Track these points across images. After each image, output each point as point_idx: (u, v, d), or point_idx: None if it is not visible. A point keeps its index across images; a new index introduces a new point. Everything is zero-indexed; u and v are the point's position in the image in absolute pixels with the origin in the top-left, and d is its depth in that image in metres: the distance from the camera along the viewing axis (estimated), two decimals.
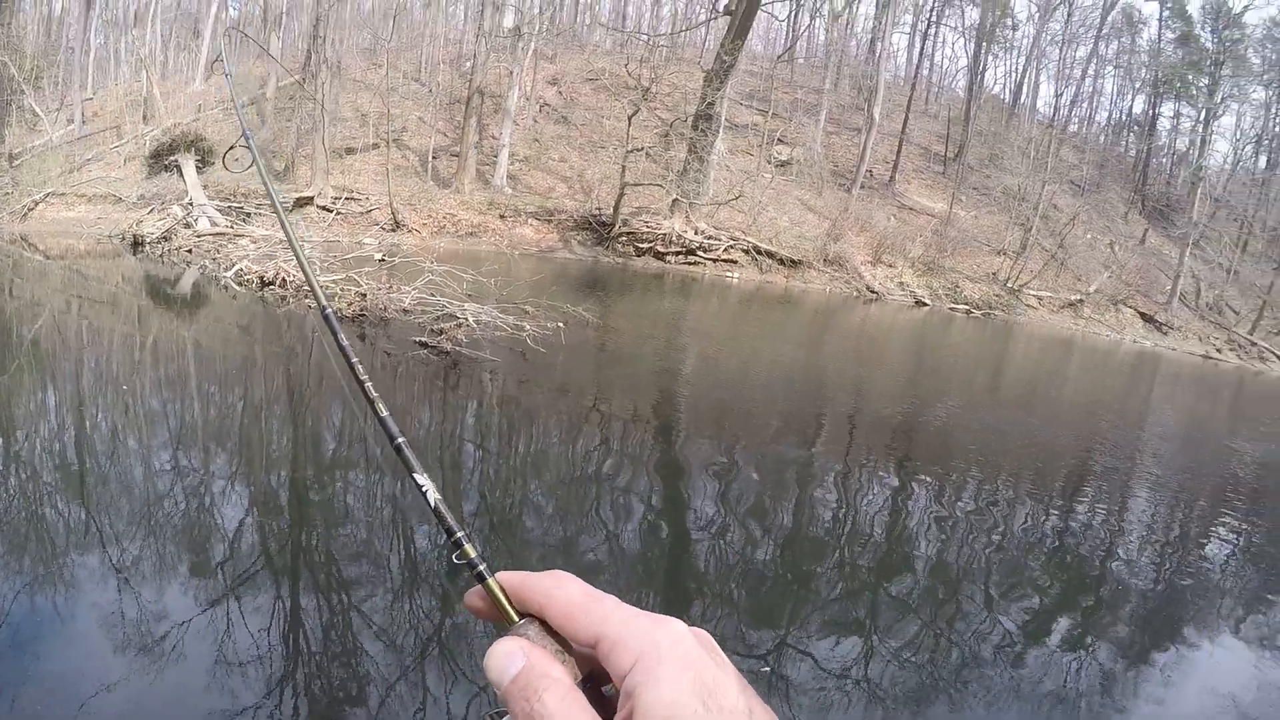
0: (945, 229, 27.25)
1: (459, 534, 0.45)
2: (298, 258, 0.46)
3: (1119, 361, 22.99)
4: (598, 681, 0.43)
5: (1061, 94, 39.70)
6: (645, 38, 27.69)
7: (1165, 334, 29.64)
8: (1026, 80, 41.26)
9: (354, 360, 0.54)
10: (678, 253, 20.74)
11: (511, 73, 23.01)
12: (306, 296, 12.57)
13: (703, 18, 27.31)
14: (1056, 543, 6.41)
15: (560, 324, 10.09)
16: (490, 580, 0.44)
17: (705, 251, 21.05)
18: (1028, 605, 5.14)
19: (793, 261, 22.45)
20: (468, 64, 24.91)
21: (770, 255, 22.10)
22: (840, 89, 32.28)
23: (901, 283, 25.02)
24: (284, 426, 7.42)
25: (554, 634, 0.42)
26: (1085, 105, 43.24)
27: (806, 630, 4.42)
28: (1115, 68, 42.30)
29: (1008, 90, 41.85)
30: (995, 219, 29.78)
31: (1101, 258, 31.25)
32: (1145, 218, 37.00)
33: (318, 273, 13.68)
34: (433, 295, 11.18)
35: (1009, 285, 27.04)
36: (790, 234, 23.14)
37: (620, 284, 18.20)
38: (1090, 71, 40.34)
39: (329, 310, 0.54)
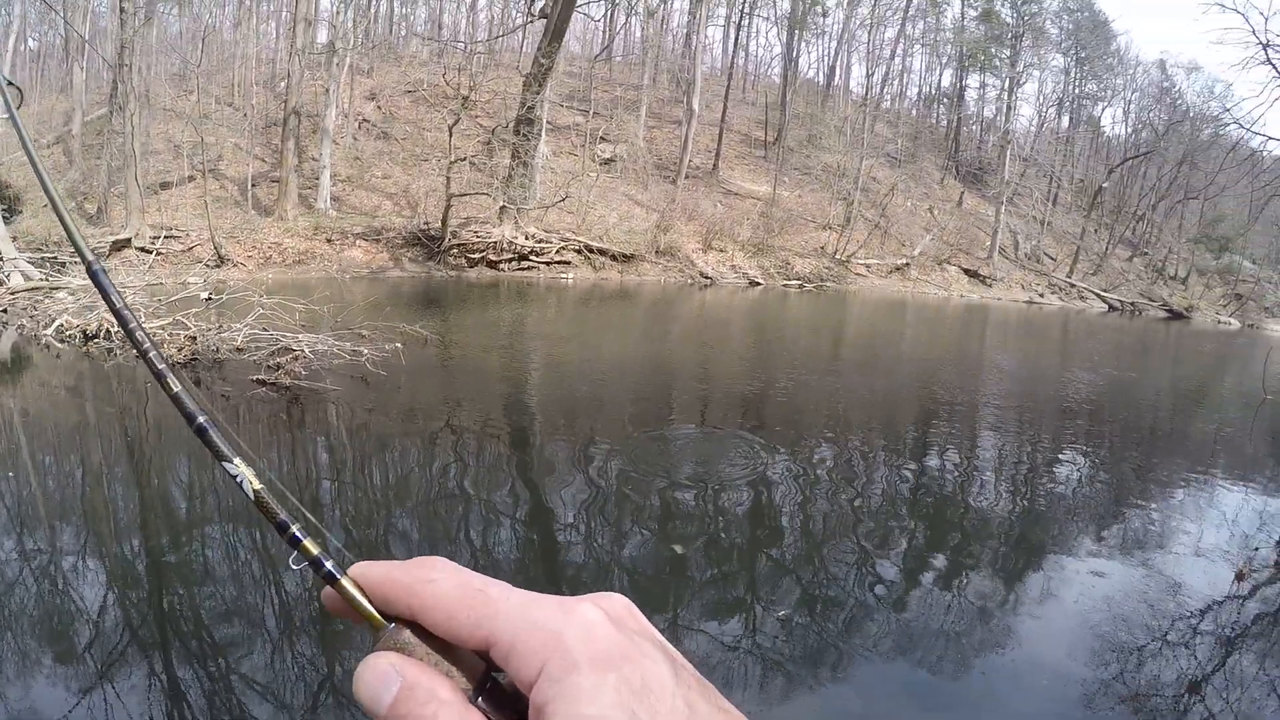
0: (771, 210, 28.99)
1: (292, 528, 0.37)
2: (53, 203, 0.45)
3: (950, 315, 25.09)
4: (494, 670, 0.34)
5: (873, 74, 42.56)
6: (463, 45, 27.80)
7: (990, 286, 32.77)
8: (839, 63, 44.17)
9: (131, 326, 0.44)
10: (510, 260, 21.22)
11: (328, 90, 22.72)
12: (133, 349, 12.40)
13: (519, 22, 27.76)
14: (917, 486, 6.80)
15: (398, 344, 10.03)
16: (343, 580, 0.36)
17: (538, 255, 21.67)
18: (898, 550, 5.39)
19: (625, 256, 23.45)
20: (282, 84, 24.40)
21: (603, 252, 22.99)
22: (659, 84, 33.53)
23: (734, 265, 26.56)
24: (129, 489, 7.15)
25: (432, 636, 0.34)
26: (896, 83, 46.38)
27: (699, 602, 4.48)
28: (922, 46, 45.74)
29: (821, 74, 44.62)
30: (818, 196, 31.83)
31: (923, 222, 34.01)
32: (960, 181, 40.40)
33: (142, 320, 13.59)
34: (265, 330, 11.01)
35: (837, 257, 29.15)
36: (620, 229, 24.14)
37: (456, 297, 18.37)
38: (899, 51, 43.27)
39: (98, 267, 0.46)
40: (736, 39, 35.70)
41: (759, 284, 26.38)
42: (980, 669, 3.92)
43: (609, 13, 32.54)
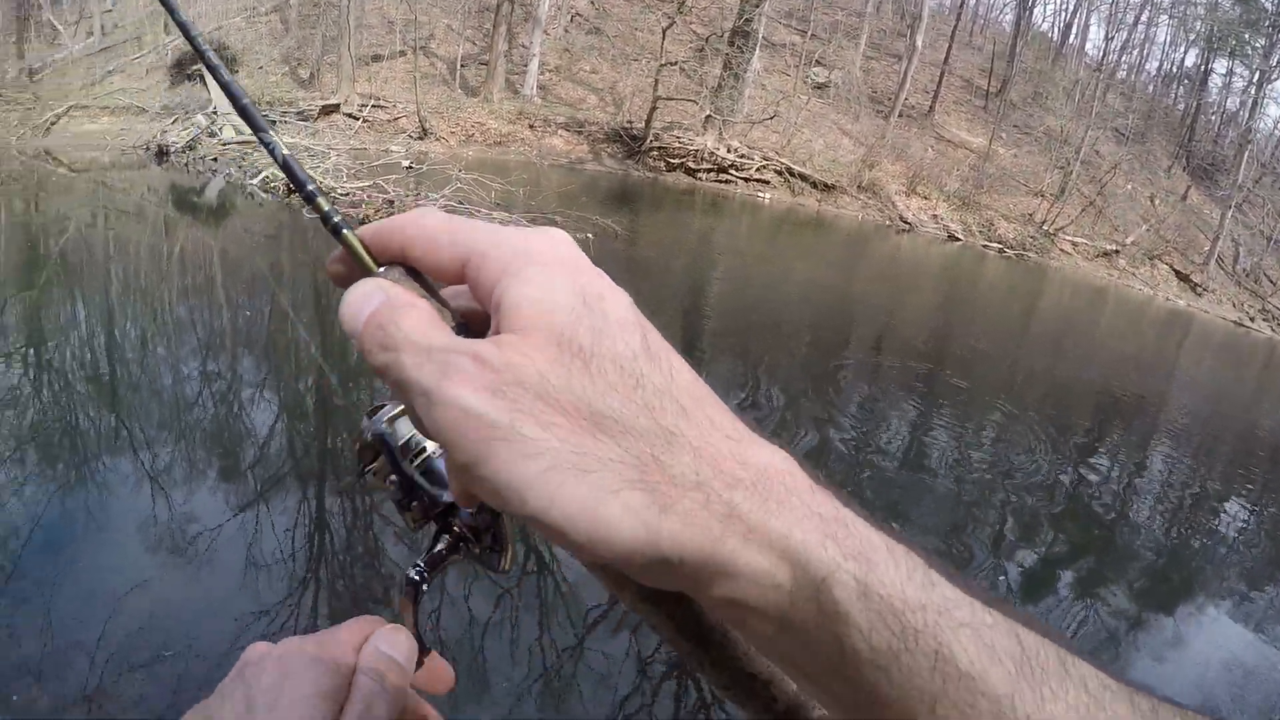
0: (983, 165, 26.45)
1: (309, 186, 0.37)
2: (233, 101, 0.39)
3: (1151, 317, 22.57)
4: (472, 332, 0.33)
5: (1112, 38, 38.06)
6: None
7: (1199, 295, 28.84)
8: (1076, 20, 39.77)
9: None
10: (709, 170, 20.21)
11: None
12: (334, 203, 12.53)
13: None
14: (1071, 486, 6.25)
15: (589, 235, 10.02)
16: (347, 233, 0.36)
17: (737, 170, 20.50)
18: (1034, 547, 4.99)
19: (826, 186, 21.89)
20: None
21: (803, 178, 21.54)
22: (883, 13, 31.23)
23: (935, 215, 24.40)
24: (311, 333, 7.44)
25: (422, 281, 0.35)
26: (1135, 52, 41.50)
27: None
28: (1170, 17, 40.43)
29: (1056, 29, 40.38)
30: (1035, 159, 28.86)
31: (1141, 210, 30.33)
32: (1189, 174, 35.80)
33: (344, 180, 13.62)
34: (460, 203, 11.14)
35: (1044, 228, 26.29)
36: (824, 158, 22.53)
37: (650, 198, 17.90)
38: (1143, 18, 38.62)
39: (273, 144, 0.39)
40: None
41: (958, 239, 24.14)
42: None
43: None
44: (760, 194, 20.61)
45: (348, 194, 12.65)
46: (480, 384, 0.27)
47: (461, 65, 21.50)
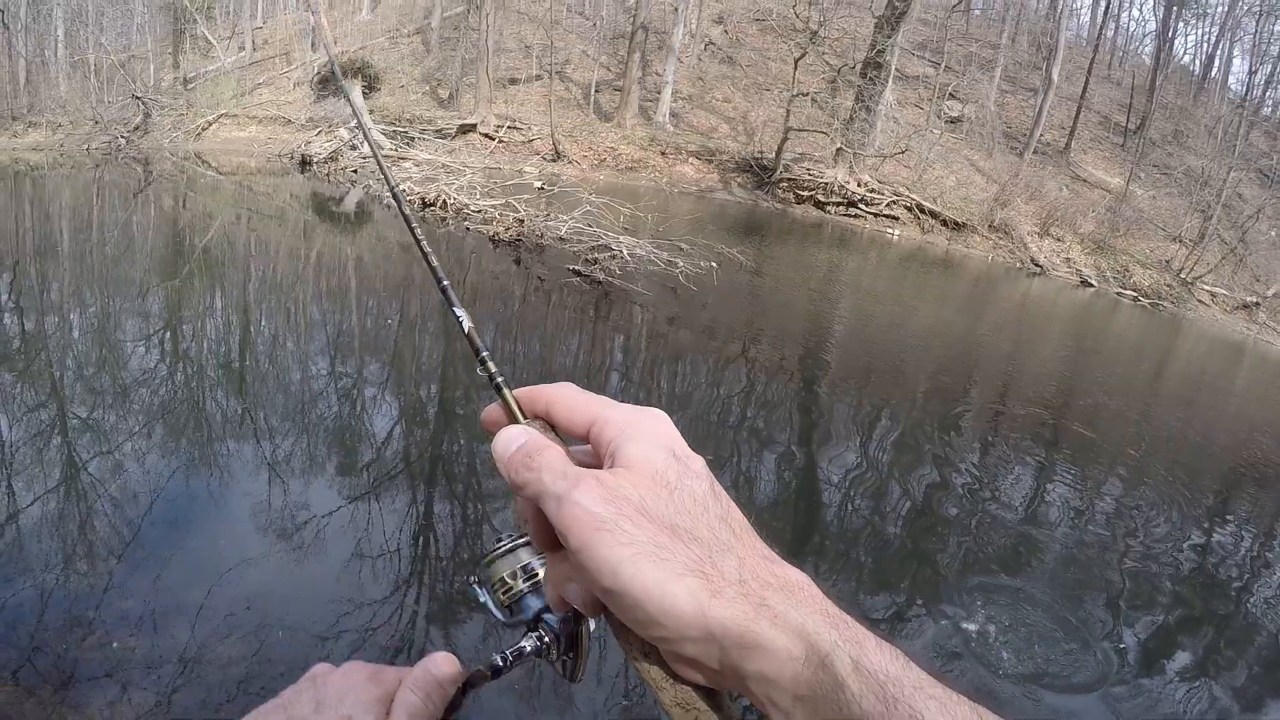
0: (1120, 206, 25.19)
1: (484, 353, 0.52)
2: (367, 139, 0.61)
3: None
4: None
5: (1256, 71, 35.80)
6: None
7: None
8: (1219, 52, 37.59)
9: (415, 227, 0.62)
10: (839, 204, 19.93)
11: (676, 9, 22.52)
12: (466, 219, 13.02)
13: None
14: (1195, 555, 5.86)
15: (714, 264, 9.94)
16: (505, 391, 0.49)
17: (867, 205, 20.13)
18: (1149, 613, 4.69)
19: (956, 224, 21.25)
20: None
21: (934, 215, 20.97)
22: (1017, 45, 30.16)
23: (1068, 259, 23.36)
24: (435, 343, 7.55)
25: (556, 434, 0.47)
26: None
27: (926, 603, 4.09)
28: None
29: (1198, 61, 38.21)
30: (1174, 201, 27.32)
31: None
32: None
33: (477, 198, 13.91)
34: (589, 226, 11.26)
35: (1181, 276, 24.85)
36: (956, 195, 21.90)
37: (778, 230, 17.77)
38: None
39: (397, 189, 0.64)
40: (1107, 7, 31.32)
41: (1091, 285, 22.99)
42: None
43: None
44: (889, 230, 20.17)
45: (480, 211, 13.03)
46: (597, 494, 0.39)
47: (596, 90, 21.84)
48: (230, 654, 3.15)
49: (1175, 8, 31.97)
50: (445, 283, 0.56)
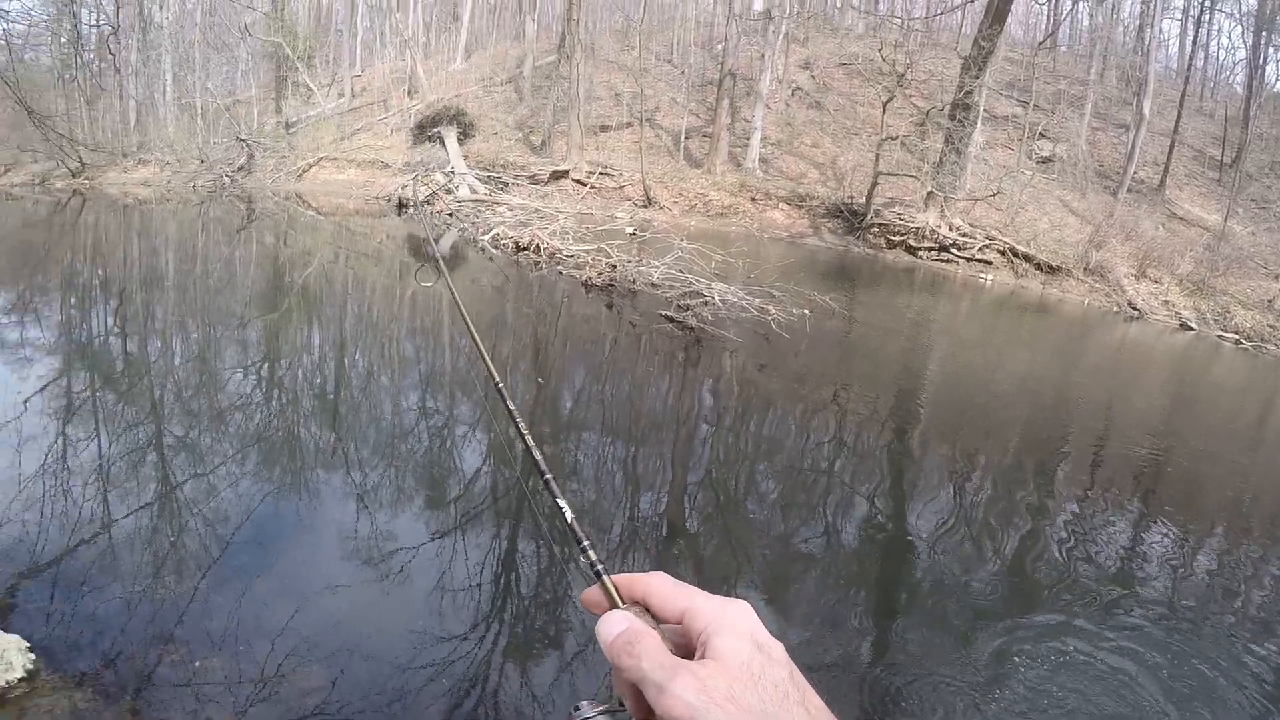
0: (1218, 244, 24.37)
1: (585, 543, 0.60)
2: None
3: None
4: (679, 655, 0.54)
5: None
6: (900, 22, 26.55)
7: None
8: None
9: (524, 431, 0.78)
10: (930, 248, 19.80)
11: (763, 56, 22.83)
12: (559, 263, 13.25)
13: (958, 1, 25.85)
14: None
15: (805, 311, 9.98)
16: (605, 578, 0.57)
17: (959, 249, 19.95)
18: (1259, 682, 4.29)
19: (1051, 267, 20.88)
20: (719, 46, 24.96)
21: (1027, 259, 20.63)
22: (1106, 80, 29.51)
23: (1166, 301, 22.66)
24: (527, 384, 7.61)
25: (652, 617, 0.55)
26: None
27: (1019, 664, 3.86)
28: None
29: None
30: (1275, 237, 26.28)
31: None
32: None
33: (570, 243, 14.20)
34: (681, 272, 11.36)
35: None
36: (1050, 237, 21.52)
37: (869, 276, 17.68)
38: None
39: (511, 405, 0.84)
40: (1195, 36, 30.37)
41: (1191, 329, 22.20)
42: None
43: None
44: (982, 275, 19.95)
45: (573, 255, 13.27)
46: (692, 685, 0.47)
47: (686, 137, 22.22)
48: (308, 678, 3.19)
49: (1265, 32, 30.91)
50: (548, 475, 0.68)
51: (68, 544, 4.19)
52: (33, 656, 3.11)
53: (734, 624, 0.52)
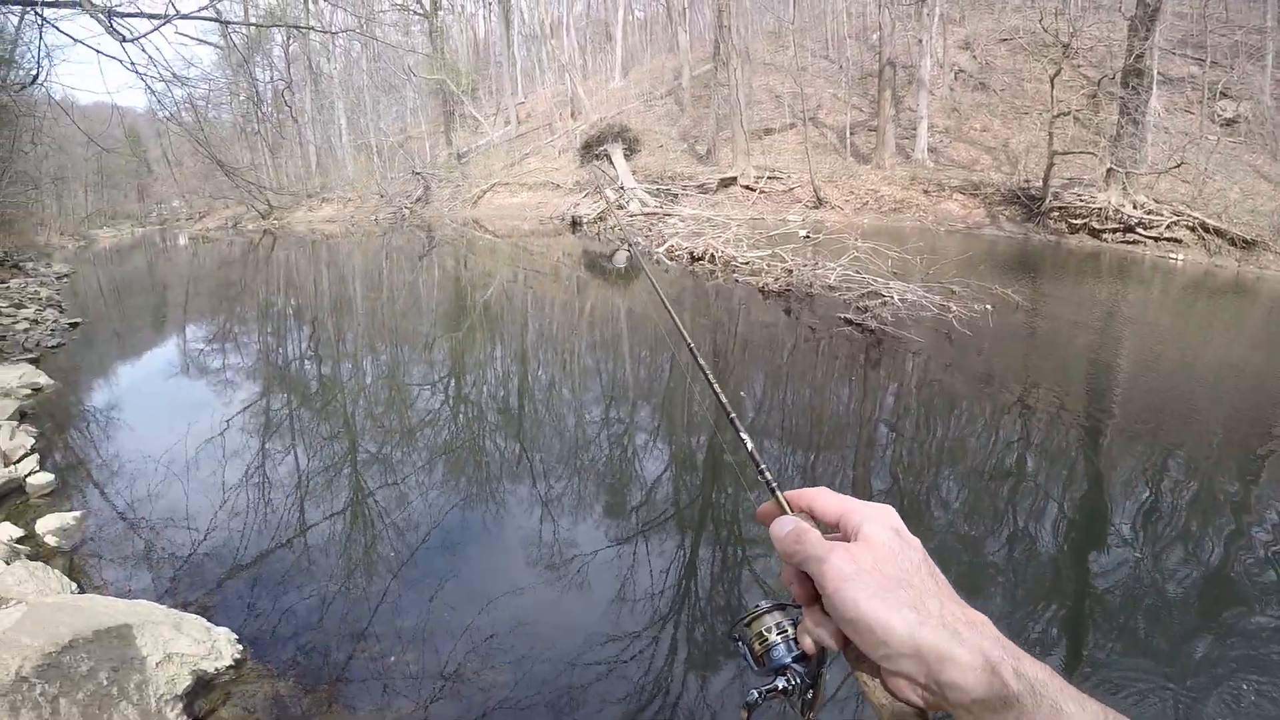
0: None
1: (762, 465, 0.72)
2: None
3: None
4: None
5: None
6: None
7: None
8: None
9: (693, 349, 0.96)
10: (1115, 229, 19.11)
11: (921, 40, 22.49)
12: (734, 271, 13.51)
13: None
14: None
15: (988, 306, 9.71)
16: (778, 493, 0.70)
17: (1145, 229, 19.15)
18: None
19: (1246, 241, 19.63)
20: (874, 36, 24.92)
21: (1219, 234, 19.50)
22: None
23: None
24: (705, 392, 7.88)
25: (815, 523, 0.67)
26: None
27: (1220, 683, 3.49)
28: None
29: None
30: None
31: None
32: None
33: (744, 250, 14.49)
34: (857, 273, 11.35)
35: None
36: (1242, 208, 20.26)
37: (1052, 264, 17.25)
38: None
39: (692, 347, 1.00)
40: None
41: None
42: None
43: None
44: (1172, 255, 19.18)
45: (748, 262, 13.62)
46: (845, 558, 0.61)
47: (851, 133, 22.41)
48: (491, 676, 3.33)
49: None
50: (733, 415, 0.79)
51: (270, 547, 4.56)
52: (240, 648, 3.42)
53: (880, 517, 0.64)
